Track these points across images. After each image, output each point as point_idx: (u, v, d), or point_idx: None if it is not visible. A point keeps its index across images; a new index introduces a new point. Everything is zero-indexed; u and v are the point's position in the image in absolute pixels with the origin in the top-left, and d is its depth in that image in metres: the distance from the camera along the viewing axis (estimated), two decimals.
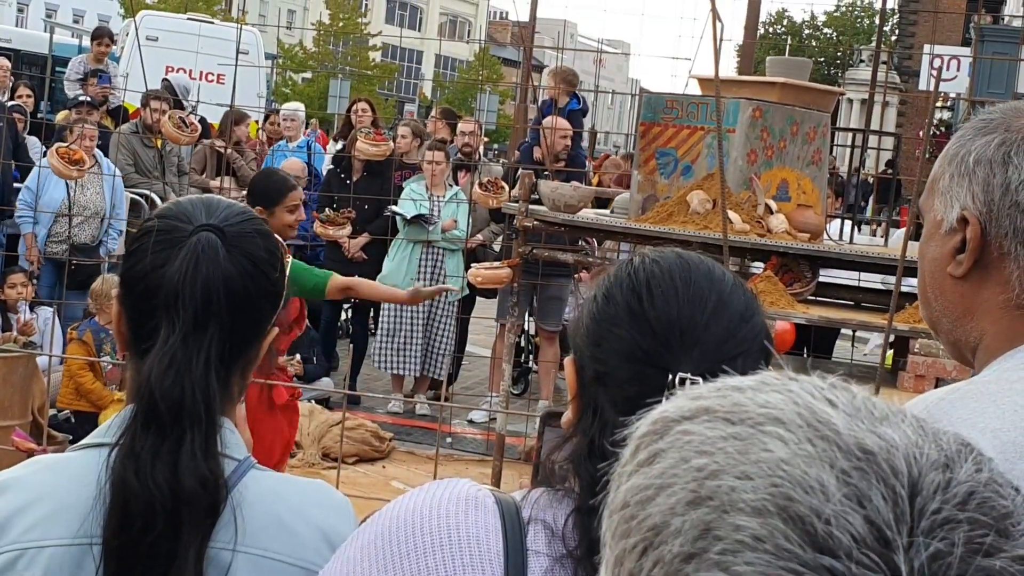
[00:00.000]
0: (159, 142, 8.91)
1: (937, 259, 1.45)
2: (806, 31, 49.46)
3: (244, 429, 1.60)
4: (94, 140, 7.88)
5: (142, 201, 8.71)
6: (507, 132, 31.73)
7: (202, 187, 9.01)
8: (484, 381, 9.07)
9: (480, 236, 8.55)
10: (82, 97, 9.71)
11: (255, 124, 13.72)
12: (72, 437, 5.40)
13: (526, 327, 8.76)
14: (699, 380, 1.26)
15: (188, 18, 15.16)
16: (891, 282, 6.28)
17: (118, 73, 11.37)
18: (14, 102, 9.71)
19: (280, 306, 1.61)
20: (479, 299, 8.81)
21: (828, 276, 6.28)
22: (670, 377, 1.28)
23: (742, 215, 5.71)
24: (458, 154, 8.82)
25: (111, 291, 6.34)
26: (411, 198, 8.12)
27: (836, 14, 49.05)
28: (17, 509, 1.46)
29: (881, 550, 0.56)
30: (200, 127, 8.75)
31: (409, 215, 8.00)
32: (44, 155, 7.69)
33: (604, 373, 1.32)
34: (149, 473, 1.42)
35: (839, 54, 44.46)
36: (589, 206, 6.80)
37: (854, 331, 8.00)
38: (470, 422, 8.17)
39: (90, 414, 6.35)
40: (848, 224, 7.40)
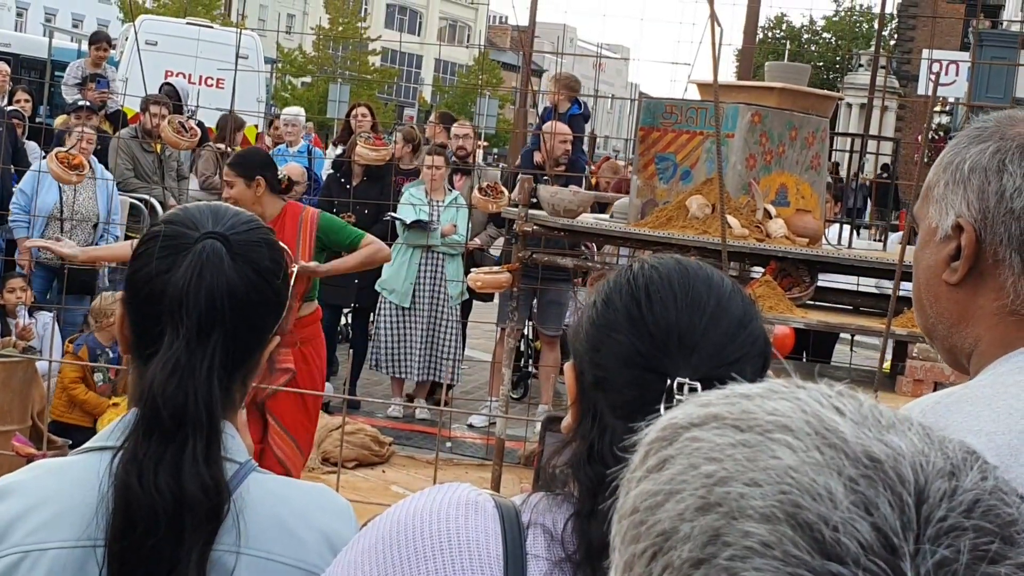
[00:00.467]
0: (159, 147, 8.90)
1: (932, 266, 1.46)
2: (805, 36, 49.45)
3: (245, 435, 1.61)
4: (91, 143, 7.86)
5: (141, 206, 8.70)
6: (507, 136, 31.76)
7: (214, 189, 9.01)
8: (484, 385, 9.07)
9: (477, 240, 8.54)
10: (81, 102, 9.71)
11: (253, 128, 13.73)
12: (72, 442, 5.39)
13: (526, 331, 8.77)
14: (697, 385, 1.27)
15: (187, 22, 15.14)
16: (884, 286, 6.29)
17: (117, 77, 11.36)
18: (12, 108, 9.70)
19: (282, 315, 1.61)
20: (477, 303, 8.81)
21: (827, 280, 6.29)
22: (669, 382, 1.28)
23: (741, 220, 5.72)
24: (453, 157, 8.83)
25: (109, 310, 6.34)
26: (410, 203, 8.12)
27: (835, 19, 49.07)
28: (20, 513, 1.46)
29: (888, 557, 0.57)
30: (200, 132, 8.75)
31: (408, 220, 8.00)
32: (43, 158, 7.69)
33: (603, 378, 1.33)
34: (152, 478, 1.42)
35: (838, 59, 44.48)
36: (589, 211, 6.80)
37: (852, 335, 8.00)
38: (470, 426, 8.16)
39: (82, 428, 6.26)
40: (847, 228, 7.40)
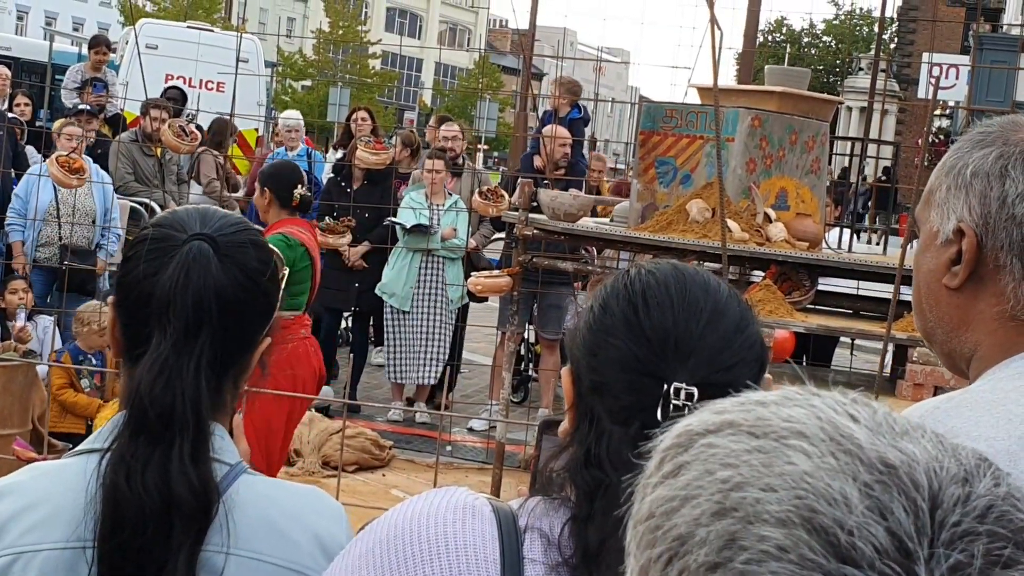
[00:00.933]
0: (159, 151, 8.91)
1: (932, 270, 1.46)
2: (805, 39, 49.48)
3: (240, 438, 1.61)
4: (82, 143, 7.82)
5: (141, 209, 8.70)
6: (507, 140, 31.75)
7: (216, 195, 9.02)
8: (484, 389, 9.07)
9: (472, 241, 8.53)
10: (80, 106, 9.72)
11: (253, 132, 13.73)
12: (71, 445, 5.38)
13: (526, 335, 8.76)
14: (694, 390, 1.27)
15: (188, 26, 15.16)
16: (883, 289, 6.29)
17: (117, 81, 11.37)
18: (12, 114, 9.70)
19: (272, 316, 1.62)
20: (473, 305, 8.79)
21: (827, 284, 6.29)
22: (665, 387, 1.28)
23: (741, 224, 5.72)
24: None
25: (89, 318, 6.34)
26: (410, 207, 8.12)
27: (835, 22, 49.09)
28: (14, 514, 1.47)
29: (902, 561, 0.58)
30: (200, 135, 8.76)
31: (408, 225, 8.00)
32: (43, 161, 7.68)
33: (600, 383, 1.33)
34: (139, 479, 1.43)
35: (838, 62, 44.48)
36: (588, 214, 6.81)
37: (853, 339, 8.00)
38: (470, 430, 8.16)
39: (79, 435, 6.26)
40: (847, 232, 7.40)
